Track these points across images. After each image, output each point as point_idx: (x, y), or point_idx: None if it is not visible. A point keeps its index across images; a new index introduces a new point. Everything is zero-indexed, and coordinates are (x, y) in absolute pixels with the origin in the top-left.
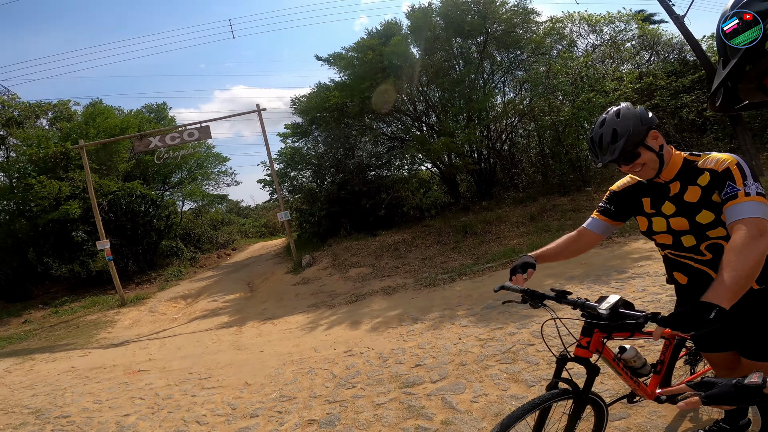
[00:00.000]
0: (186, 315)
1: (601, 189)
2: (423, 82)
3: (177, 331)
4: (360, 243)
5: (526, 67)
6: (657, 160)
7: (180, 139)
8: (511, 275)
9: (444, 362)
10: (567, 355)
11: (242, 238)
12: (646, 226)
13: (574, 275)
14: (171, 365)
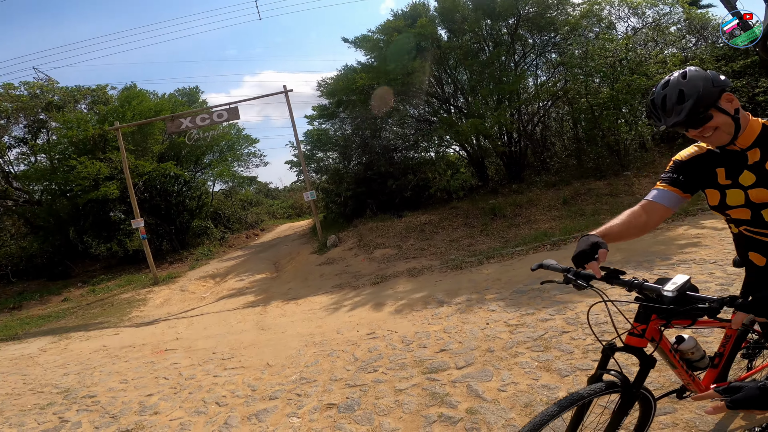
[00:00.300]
0: (214, 294)
1: (641, 174)
2: (451, 65)
3: (204, 310)
4: (386, 224)
5: (561, 49)
6: (732, 124)
7: (210, 120)
8: (579, 262)
9: (470, 348)
10: (616, 343)
11: (270, 219)
12: (717, 200)
13: (612, 261)
14: (196, 344)
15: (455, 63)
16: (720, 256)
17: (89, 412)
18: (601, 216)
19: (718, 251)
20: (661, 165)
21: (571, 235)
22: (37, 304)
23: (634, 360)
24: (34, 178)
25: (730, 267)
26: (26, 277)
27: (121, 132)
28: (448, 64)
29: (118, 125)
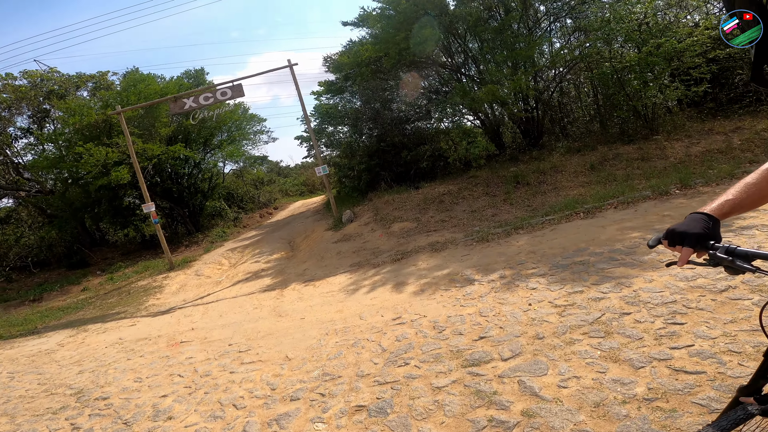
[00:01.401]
0: (229, 278)
1: (672, 138)
2: (460, 33)
3: (220, 296)
4: (402, 196)
5: (576, 14)
6: None
7: (213, 98)
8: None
9: (514, 334)
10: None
11: (283, 197)
12: None
13: (660, 229)
14: (212, 335)
15: (464, 31)
16: None
17: (101, 417)
18: (635, 180)
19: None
20: (693, 128)
21: (606, 201)
22: (58, 295)
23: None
24: (43, 166)
25: None
26: (48, 268)
27: (126, 116)
28: (457, 32)
29: (119, 109)
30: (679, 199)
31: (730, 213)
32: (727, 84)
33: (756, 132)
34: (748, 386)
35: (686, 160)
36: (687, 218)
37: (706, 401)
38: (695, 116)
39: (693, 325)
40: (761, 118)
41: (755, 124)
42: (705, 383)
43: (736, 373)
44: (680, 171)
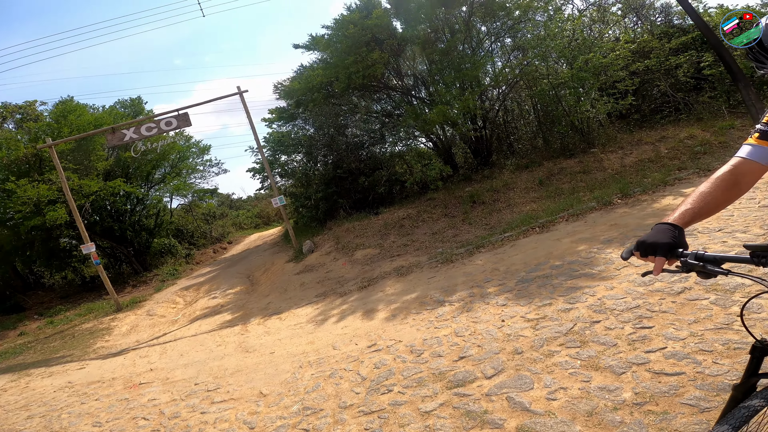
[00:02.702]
0: (186, 316)
1: (607, 150)
2: (409, 56)
3: (178, 335)
4: (362, 223)
5: (514, 33)
6: None
7: (157, 129)
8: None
9: (494, 351)
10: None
11: (237, 231)
12: None
13: (610, 238)
14: (174, 375)
15: (413, 54)
16: (722, 223)
17: None
18: (581, 193)
19: (716, 218)
20: (624, 140)
21: (557, 215)
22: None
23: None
24: None
25: (739, 234)
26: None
27: (58, 150)
28: (406, 55)
29: (50, 141)
30: (622, 209)
31: (691, 221)
32: (648, 96)
33: (680, 140)
34: (742, 384)
35: (622, 170)
36: (654, 229)
37: (694, 401)
38: (624, 128)
39: (661, 328)
40: (682, 126)
41: (678, 133)
42: (687, 383)
43: (713, 371)
44: (619, 181)
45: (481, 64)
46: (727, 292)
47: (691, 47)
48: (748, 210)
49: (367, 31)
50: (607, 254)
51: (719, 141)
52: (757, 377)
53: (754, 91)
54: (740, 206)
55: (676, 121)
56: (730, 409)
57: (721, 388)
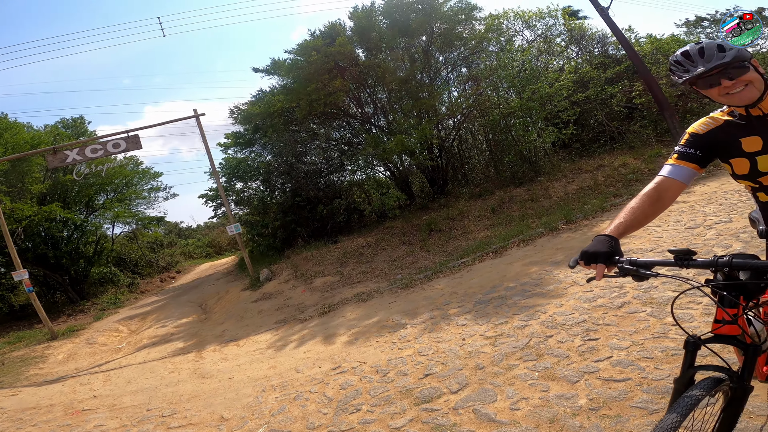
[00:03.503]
0: (131, 344)
1: (552, 178)
2: (370, 84)
3: (123, 363)
4: (321, 251)
5: (469, 63)
6: (763, 82)
7: (103, 150)
8: (588, 261)
9: (457, 368)
10: (697, 338)
11: (186, 260)
12: (747, 169)
13: (557, 260)
14: (122, 401)
15: (373, 82)
16: (653, 244)
17: None
18: (529, 219)
19: (648, 240)
20: (567, 169)
21: (509, 240)
22: None
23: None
24: None
25: (669, 253)
26: None
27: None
28: (367, 83)
29: None
30: (566, 234)
31: (624, 232)
32: (586, 125)
33: (614, 168)
34: (682, 376)
35: (566, 198)
36: (594, 240)
37: (643, 404)
38: (567, 157)
39: (606, 339)
40: (616, 155)
41: (613, 161)
42: (635, 388)
43: (656, 376)
44: (563, 208)
45: (438, 94)
46: (660, 305)
47: (624, 77)
48: (675, 231)
49: (330, 58)
50: (555, 275)
51: (649, 168)
52: (695, 369)
53: (677, 119)
54: (668, 228)
55: (611, 149)
56: (674, 401)
57: (665, 391)
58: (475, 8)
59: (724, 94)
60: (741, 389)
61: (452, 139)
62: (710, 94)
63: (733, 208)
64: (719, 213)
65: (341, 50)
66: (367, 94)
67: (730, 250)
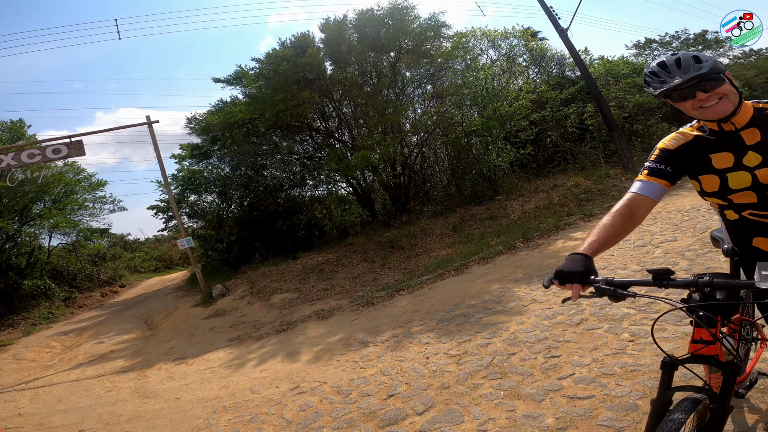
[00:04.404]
0: (64, 361)
1: (510, 197)
2: (335, 98)
3: (54, 380)
4: (280, 267)
5: (435, 80)
6: (737, 95)
7: (42, 156)
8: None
9: (421, 387)
10: (674, 358)
11: (132, 274)
12: (717, 186)
13: (517, 278)
14: (51, 421)
15: (340, 96)
16: (604, 262)
17: None
18: (489, 238)
19: (601, 257)
20: (524, 188)
21: (470, 258)
22: None
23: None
24: None
25: (620, 270)
26: None
27: None
28: (333, 97)
29: None
30: (524, 252)
31: (598, 251)
32: (542, 145)
33: (567, 188)
34: (659, 398)
35: (523, 216)
36: (568, 259)
37: (608, 422)
38: (524, 177)
39: (567, 356)
40: (569, 175)
41: (566, 181)
42: (599, 405)
43: (618, 392)
44: (521, 227)
45: (403, 109)
46: (616, 321)
47: (578, 98)
48: (625, 250)
49: (299, 69)
50: (515, 293)
51: (598, 189)
52: (672, 390)
53: (624, 141)
54: (618, 247)
55: (564, 169)
56: (653, 423)
57: (628, 407)
58: (444, 26)
59: (698, 108)
60: (721, 409)
61: (415, 156)
62: (684, 107)
63: (677, 228)
64: (665, 232)
65: (311, 62)
66: (332, 108)
67: (677, 267)
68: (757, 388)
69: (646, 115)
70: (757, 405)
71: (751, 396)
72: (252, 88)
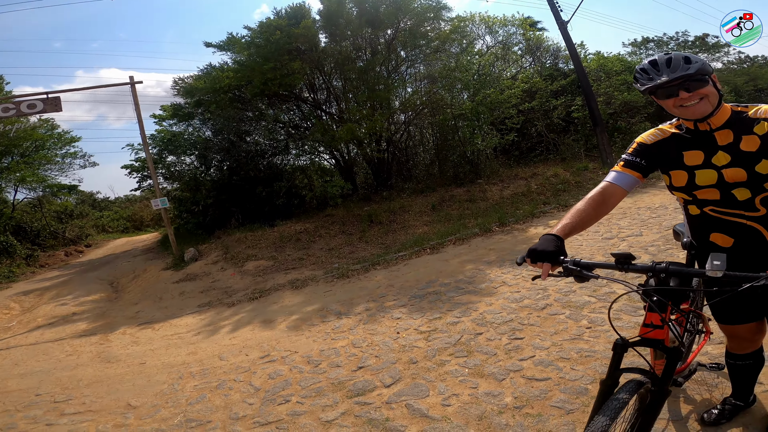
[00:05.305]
0: (23, 324)
1: (491, 182)
2: (326, 71)
3: (12, 343)
4: (256, 234)
5: (429, 62)
6: (718, 97)
7: (16, 110)
8: (534, 259)
9: (390, 361)
10: (626, 340)
11: (99, 234)
12: (685, 181)
13: (489, 260)
14: (6, 385)
15: (331, 69)
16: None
17: None
18: (466, 219)
19: (570, 246)
20: (505, 174)
21: (446, 238)
22: None
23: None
24: None
25: (598, 257)
26: None
27: None
28: (323, 69)
29: None
30: (499, 235)
31: (570, 233)
32: (527, 134)
33: (546, 178)
34: (608, 378)
35: (501, 201)
36: (541, 239)
37: (560, 404)
38: (505, 163)
39: (530, 339)
40: (549, 165)
41: (546, 171)
42: (554, 388)
43: (572, 376)
44: (498, 211)
45: (394, 87)
46: (578, 308)
47: (567, 91)
48: (594, 241)
49: (292, 39)
50: (487, 275)
51: (575, 180)
52: (620, 371)
53: (606, 137)
54: (588, 237)
55: (546, 159)
56: (600, 401)
57: (579, 391)
58: (445, 8)
59: (678, 106)
60: (660, 393)
61: (401, 134)
62: (666, 104)
63: (644, 224)
64: (632, 227)
65: (305, 33)
66: (322, 81)
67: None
68: (695, 379)
69: (631, 113)
70: (692, 396)
71: (688, 387)
72: (242, 56)
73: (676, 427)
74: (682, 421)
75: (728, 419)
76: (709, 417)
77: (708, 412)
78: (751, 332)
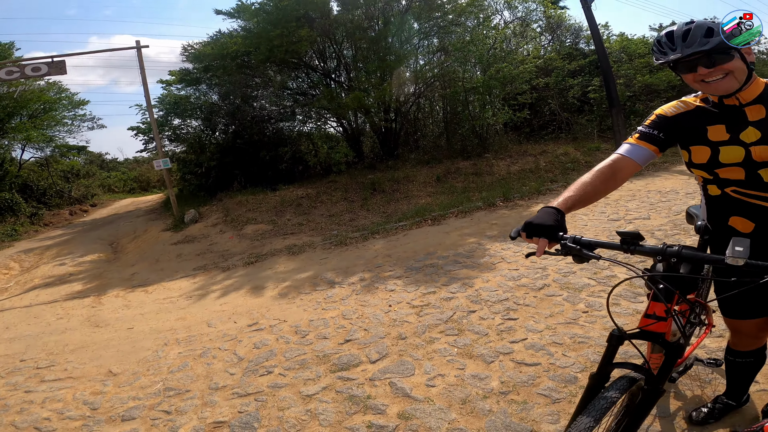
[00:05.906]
0: (20, 284)
1: (498, 156)
2: (337, 39)
3: (6, 305)
4: (257, 197)
5: (443, 34)
6: (746, 73)
7: (20, 73)
8: (530, 234)
9: (379, 336)
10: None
11: (105, 194)
12: (707, 158)
13: (491, 235)
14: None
15: (342, 37)
16: (576, 232)
17: None
18: (471, 192)
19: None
20: (513, 149)
21: (449, 210)
22: None
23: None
24: None
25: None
26: None
27: None
28: (335, 38)
29: None
30: (503, 210)
31: (572, 207)
32: (540, 112)
33: (556, 156)
34: (598, 372)
35: (507, 176)
36: (540, 212)
37: (547, 392)
38: (515, 139)
39: (523, 320)
40: (560, 144)
41: (556, 149)
42: (542, 374)
43: (563, 363)
44: (503, 186)
45: (405, 58)
46: (576, 290)
47: (585, 71)
48: (599, 222)
49: (302, 6)
50: (487, 249)
51: (585, 160)
52: (612, 366)
53: (623, 118)
54: (593, 218)
55: (557, 138)
56: (587, 397)
57: (568, 379)
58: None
59: (699, 81)
60: (654, 392)
61: (410, 105)
62: (687, 78)
63: (653, 207)
64: (640, 209)
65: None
66: (332, 49)
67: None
68: (688, 374)
69: (650, 96)
70: (683, 391)
71: (680, 381)
72: (251, 23)
73: (662, 424)
74: (669, 418)
75: (717, 419)
76: (697, 415)
77: (697, 410)
78: (758, 328)
